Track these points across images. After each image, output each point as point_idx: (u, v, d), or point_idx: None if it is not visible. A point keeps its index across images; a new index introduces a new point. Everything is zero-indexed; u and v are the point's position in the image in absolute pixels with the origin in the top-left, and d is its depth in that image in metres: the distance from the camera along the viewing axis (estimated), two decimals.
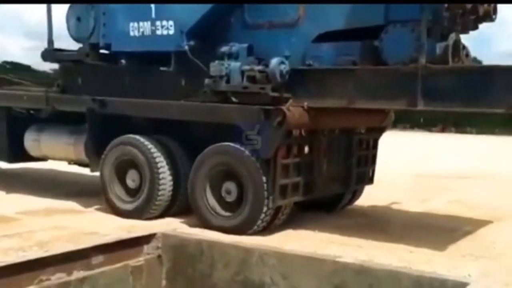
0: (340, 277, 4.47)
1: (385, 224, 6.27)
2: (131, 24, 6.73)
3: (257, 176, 5.60)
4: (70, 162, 7.98)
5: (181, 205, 6.42)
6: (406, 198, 6.94)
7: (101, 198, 7.26)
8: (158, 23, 6.53)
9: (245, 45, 6.10)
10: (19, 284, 4.27)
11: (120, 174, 6.69)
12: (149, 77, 6.75)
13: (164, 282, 5.19)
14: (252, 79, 5.68)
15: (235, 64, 5.84)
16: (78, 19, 7.11)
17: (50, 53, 7.54)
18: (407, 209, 6.86)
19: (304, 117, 5.67)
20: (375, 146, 7.27)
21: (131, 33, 6.75)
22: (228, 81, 5.85)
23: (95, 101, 6.88)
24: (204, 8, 6.18)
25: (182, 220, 6.00)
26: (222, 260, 5.06)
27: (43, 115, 7.86)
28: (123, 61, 6.92)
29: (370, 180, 7.33)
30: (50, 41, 7.53)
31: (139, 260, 4.99)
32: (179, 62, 6.40)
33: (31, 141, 7.81)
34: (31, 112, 8.20)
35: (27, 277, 4.33)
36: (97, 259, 4.68)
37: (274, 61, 5.60)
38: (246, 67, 5.80)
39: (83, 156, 7.23)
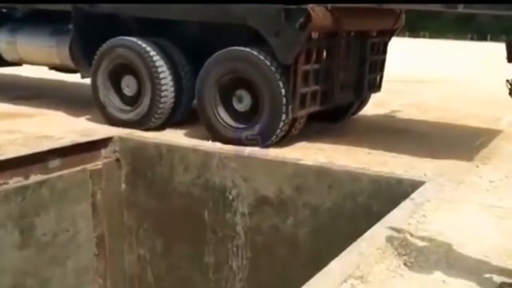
0: (301, 179, 4.56)
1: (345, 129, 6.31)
2: None
3: (274, 83, 5.13)
4: (52, 67, 7.13)
5: (182, 115, 5.83)
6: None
7: (51, 102, 7.00)
8: None
9: None
10: None
11: (114, 81, 5.94)
12: None
13: (123, 186, 5.19)
14: None
15: None
16: None
17: None
18: (365, 114, 6.91)
19: (327, 18, 5.19)
20: (384, 51, 6.58)
21: None
22: None
23: None
24: None
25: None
26: (182, 164, 5.07)
27: (17, 14, 6.98)
28: None
29: (378, 87, 6.75)
30: None
31: (97, 164, 4.95)
32: None
33: (5, 43, 6.91)
34: (3, 10, 7.19)
35: None
36: (54, 163, 4.62)
37: None
38: None
39: (68, 61, 6.46)
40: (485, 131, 6.04)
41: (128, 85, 5.82)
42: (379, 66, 6.53)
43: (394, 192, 4.11)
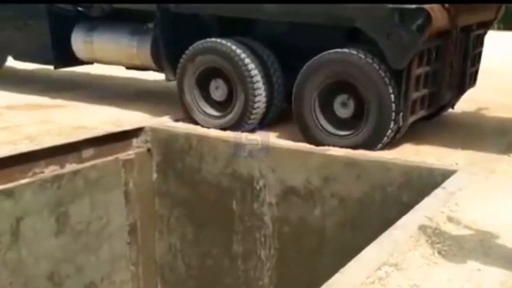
0: (329, 169, 4.58)
1: None
2: None
3: (383, 89, 4.68)
4: (130, 67, 6.76)
5: (273, 118, 5.56)
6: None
7: (82, 93, 7.09)
8: None
9: None
10: (13, 177, 4.33)
11: (202, 85, 5.56)
12: None
13: (155, 175, 5.28)
14: None
15: None
16: None
17: None
18: None
19: (444, 17, 4.75)
20: (482, 43, 6.13)
21: None
22: None
23: None
24: None
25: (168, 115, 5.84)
26: (211, 154, 5.13)
27: (94, 13, 6.52)
28: None
29: (475, 81, 6.23)
30: None
31: (129, 154, 5.04)
32: None
33: (81, 43, 6.54)
34: (79, 9, 6.62)
35: (21, 170, 4.38)
36: (87, 152, 4.72)
37: None
38: None
39: (149, 62, 6.11)
40: None
41: (218, 90, 5.52)
42: (477, 59, 6.07)
43: (424, 182, 4.12)
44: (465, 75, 5.72)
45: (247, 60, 5.17)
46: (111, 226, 4.90)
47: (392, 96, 4.60)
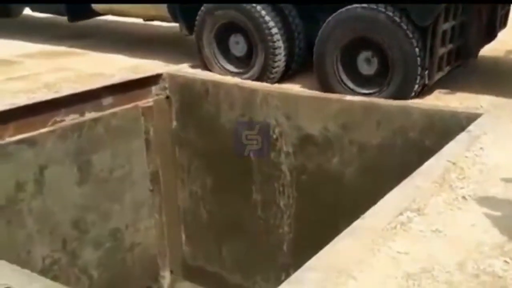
0: (347, 115, 4.49)
1: None
2: None
3: (408, 46, 4.55)
4: (147, 19, 6.62)
5: (296, 69, 5.39)
6: None
7: (97, 41, 7.04)
8: None
9: None
10: (34, 126, 4.35)
11: (221, 40, 5.43)
12: None
13: (174, 123, 5.28)
14: None
15: None
16: None
17: None
18: None
19: None
20: None
21: None
22: None
23: None
24: None
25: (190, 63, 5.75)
26: (227, 101, 5.07)
27: None
28: None
29: (505, 23, 5.96)
30: None
31: (148, 101, 5.03)
32: None
33: None
34: None
35: (42, 119, 4.39)
36: (107, 100, 4.71)
37: None
38: None
39: (165, 12, 5.95)
40: None
41: (238, 45, 5.36)
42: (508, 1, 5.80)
43: (448, 126, 4.03)
44: (495, 21, 5.50)
45: (267, 18, 5.00)
46: (133, 174, 4.94)
47: (418, 52, 4.45)
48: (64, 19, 6.93)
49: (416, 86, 4.57)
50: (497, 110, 4.15)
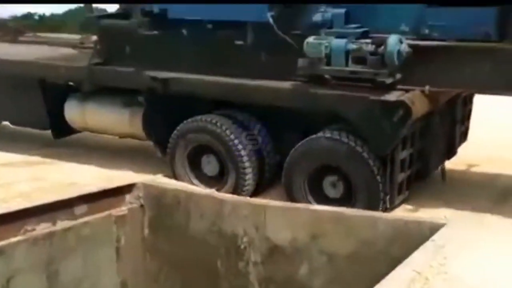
0: (316, 225, 4.58)
1: None
2: None
3: (369, 174, 4.81)
4: (122, 136, 6.90)
5: (267, 183, 5.56)
6: None
7: (70, 149, 7.20)
8: None
9: (342, 10, 4.92)
10: (4, 235, 4.34)
11: (194, 161, 5.65)
12: (219, 51, 5.64)
13: (146, 231, 5.30)
14: (359, 61, 4.71)
15: (338, 43, 4.75)
16: None
17: (92, 22, 6.20)
18: None
19: (424, 103, 4.90)
20: (471, 100, 6.18)
21: None
22: (328, 63, 4.81)
23: (157, 80, 5.74)
24: None
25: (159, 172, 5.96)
26: (198, 211, 5.13)
27: (85, 88, 6.70)
28: (184, 31, 5.69)
29: (465, 137, 6.29)
30: (89, 6, 6.19)
31: (122, 210, 5.08)
32: (258, 34, 5.28)
33: (74, 114, 6.69)
34: (70, 84, 6.91)
35: (13, 228, 4.39)
36: (80, 209, 4.75)
37: (392, 41, 4.54)
38: (352, 46, 4.72)
39: (141, 132, 6.25)
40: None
41: (209, 165, 5.58)
42: (467, 117, 6.15)
43: (413, 236, 4.17)
44: (454, 139, 5.88)
45: (236, 141, 5.29)
46: (103, 283, 4.87)
47: (380, 179, 4.76)
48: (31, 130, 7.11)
49: (379, 210, 4.73)
50: (460, 220, 4.33)
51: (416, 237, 4.14)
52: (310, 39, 4.79)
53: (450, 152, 6.04)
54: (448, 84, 4.79)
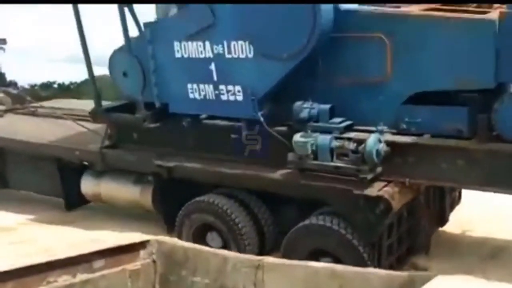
0: (312, 281, 4.87)
1: None
2: (189, 85, 5.84)
3: (360, 260, 5.11)
4: (134, 209, 7.27)
5: (268, 252, 5.92)
6: None
7: (89, 209, 7.62)
8: (222, 87, 5.63)
9: (327, 106, 5.24)
10: (29, 285, 4.79)
11: (200, 236, 6.08)
12: (217, 141, 6.04)
13: (157, 286, 5.68)
14: (343, 156, 5.06)
15: (323, 140, 5.08)
16: (125, 74, 6.29)
17: (100, 114, 6.71)
18: None
19: (406, 193, 5.17)
20: None
21: (191, 95, 5.89)
22: (315, 158, 5.14)
23: (161, 167, 6.22)
24: (279, 72, 5.28)
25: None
26: (204, 268, 5.46)
27: (98, 168, 7.19)
28: (184, 124, 6.12)
29: (459, 200, 6.50)
30: (97, 100, 6.69)
31: (136, 265, 5.49)
32: (252, 128, 5.67)
33: (90, 188, 7.18)
34: (84, 163, 7.40)
35: (36, 279, 4.85)
36: (98, 263, 5.19)
37: (371, 142, 4.86)
38: (336, 144, 5.06)
39: (150, 207, 6.74)
40: None
41: (213, 241, 5.99)
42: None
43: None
44: (444, 208, 6.16)
45: (238, 220, 5.72)
46: None
47: (370, 263, 5.09)
48: None
49: None
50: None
51: None
52: (297, 137, 5.17)
53: (442, 221, 6.31)
54: (425, 177, 5.08)
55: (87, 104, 7.74)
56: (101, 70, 7.42)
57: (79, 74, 21.26)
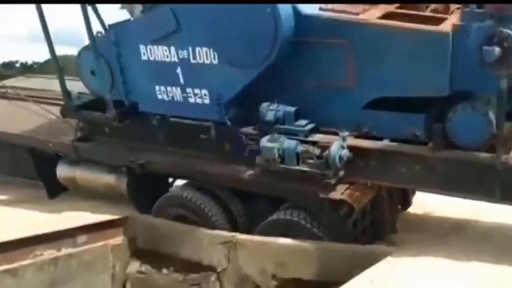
0: (282, 255, 5.26)
1: None
2: (157, 87, 5.93)
3: None
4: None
5: None
6: None
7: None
8: (189, 90, 5.73)
9: (292, 109, 5.42)
10: (17, 258, 5.09)
11: None
12: (187, 140, 6.13)
13: (137, 260, 5.99)
14: (308, 160, 5.30)
15: (289, 145, 5.30)
16: (92, 72, 6.31)
17: (71, 112, 6.77)
18: None
19: (368, 192, 5.46)
20: None
21: (159, 96, 5.96)
22: (282, 161, 5.36)
23: (134, 163, 6.33)
24: (244, 79, 5.44)
25: None
26: (182, 243, 5.80)
27: (72, 157, 7.14)
28: (154, 121, 6.21)
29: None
30: (67, 95, 6.70)
31: (117, 240, 5.80)
32: (220, 129, 5.79)
33: (65, 177, 7.21)
34: (59, 154, 7.33)
35: (23, 252, 5.15)
36: (81, 238, 5.49)
37: (334, 148, 5.09)
38: (301, 148, 5.29)
39: (126, 195, 6.73)
40: None
41: None
42: None
43: (369, 260, 4.81)
44: (407, 193, 6.41)
45: (210, 213, 5.94)
46: None
47: None
48: None
49: None
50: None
51: (371, 261, 4.69)
52: (265, 141, 5.37)
53: (405, 204, 6.62)
54: (386, 180, 5.36)
55: (52, 84, 7.65)
56: (65, 49, 7.30)
57: (42, 54, 20.66)
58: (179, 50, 5.61)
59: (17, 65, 27.54)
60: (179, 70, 5.69)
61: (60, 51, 6.82)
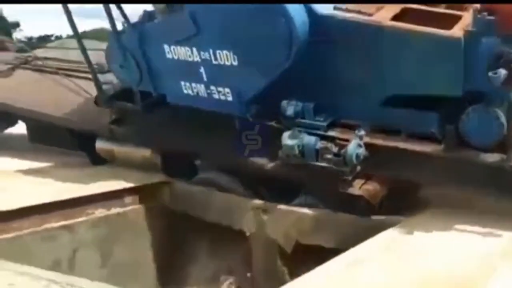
0: (301, 223, 5.69)
1: None
2: (182, 82, 6.12)
3: None
4: None
5: None
6: None
7: None
8: (212, 87, 5.95)
9: (311, 104, 5.57)
10: (71, 216, 5.64)
11: None
12: (214, 134, 6.42)
13: (173, 221, 6.50)
14: (327, 156, 5.47)
15: (309, 141, 5.48)
16: (121, 66, 6.49)
17: (105, 102, 6.98)
18: None
19: (382, 188, 5.71)
20: None
21: (185, 91, 6.16)
22: (302, 155, 5.54)
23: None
24: (263, 80, 5.57)
25: None
26: (214, 208, 6.22)
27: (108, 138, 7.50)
28: (182, 113, 6.46)
29: None
30: (100, 88, 6.93)
31: (156, 203, 6.32)
32: (244, 123, 6.01)
33: (104, 150, 7.47)
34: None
35: (77, 211, 5.73)
36: (128, 199, 6.01)
37: (351, 147, 5.27)
38: (320, 145, 5.48)
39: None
40: None
41: None
42: None
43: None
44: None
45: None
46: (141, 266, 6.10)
47: None
48: None
49: None
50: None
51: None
52: (286, 138, 5.58)
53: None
54: (400, 176, 5.63)
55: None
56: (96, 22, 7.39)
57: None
58: (200, 51, 5.82)
59: (52, 38, 27.34)
60: (202, 70, 5.92)
61: (90, 24, 7.02)
